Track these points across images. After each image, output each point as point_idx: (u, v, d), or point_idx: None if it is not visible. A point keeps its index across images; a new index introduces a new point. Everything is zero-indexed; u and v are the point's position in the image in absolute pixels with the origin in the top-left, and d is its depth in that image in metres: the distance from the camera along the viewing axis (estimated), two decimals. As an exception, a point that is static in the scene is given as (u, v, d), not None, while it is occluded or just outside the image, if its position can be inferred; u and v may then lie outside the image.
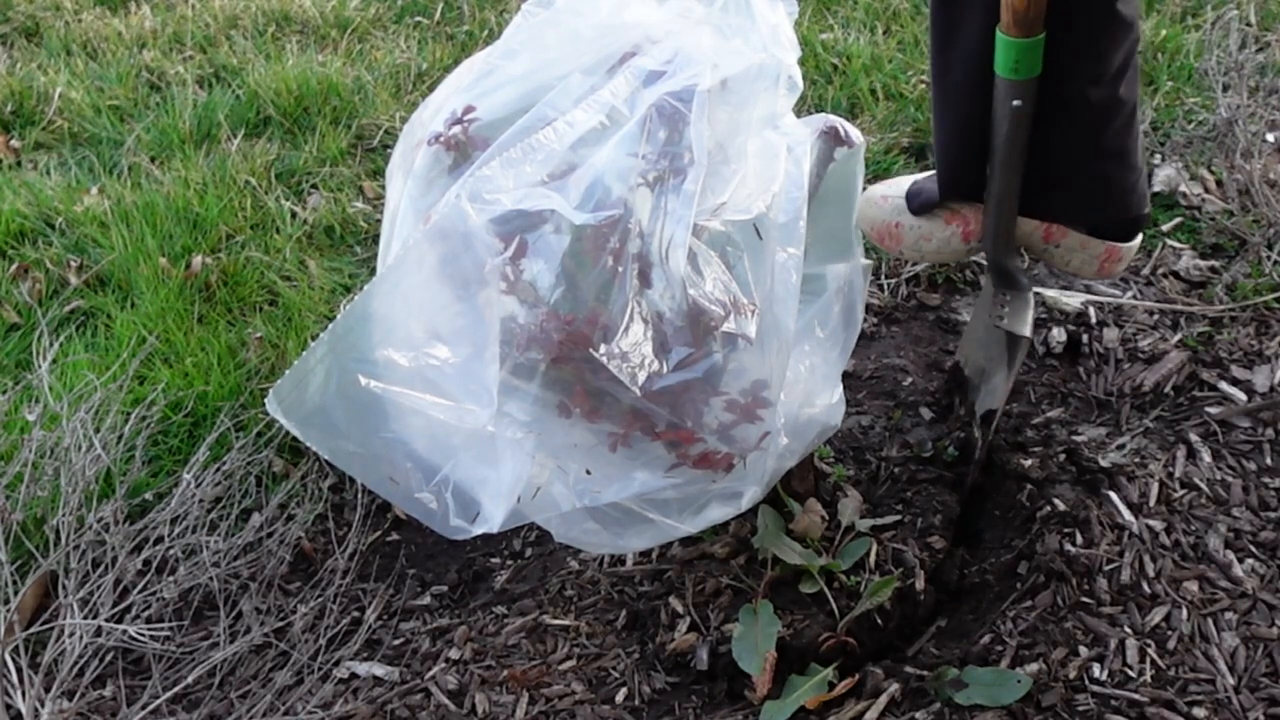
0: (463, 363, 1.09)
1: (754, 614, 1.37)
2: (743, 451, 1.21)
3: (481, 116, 1.17)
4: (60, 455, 1.49)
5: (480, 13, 3.04)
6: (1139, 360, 1.73)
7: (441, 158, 1.16)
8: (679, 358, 1.11)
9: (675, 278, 1.08)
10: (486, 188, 1.05)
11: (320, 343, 1.08)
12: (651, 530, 1.23)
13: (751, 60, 1.17)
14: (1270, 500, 1.49)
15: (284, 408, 1.09)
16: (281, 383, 1.08)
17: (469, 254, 1.05)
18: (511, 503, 1.14)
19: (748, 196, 1.15)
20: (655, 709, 1.38)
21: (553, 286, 1.07)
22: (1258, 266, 1.85)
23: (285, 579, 1.61)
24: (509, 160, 1.06)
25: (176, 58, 2.98)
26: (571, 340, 1.08)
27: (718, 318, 1.11)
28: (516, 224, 1.05)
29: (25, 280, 2.17)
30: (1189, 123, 2.22)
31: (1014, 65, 1.30)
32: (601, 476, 1.17)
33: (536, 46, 1.20)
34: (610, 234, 1.06)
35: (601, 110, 1.10)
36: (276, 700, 1.39)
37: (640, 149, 1.08)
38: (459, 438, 1.13)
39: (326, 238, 2.27)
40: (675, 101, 1.10)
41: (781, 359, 1.18)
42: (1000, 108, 1.34)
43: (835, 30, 2.76)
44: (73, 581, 1.36)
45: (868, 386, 1.77)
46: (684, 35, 1.18)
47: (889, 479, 1.59)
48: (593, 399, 1.13)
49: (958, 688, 1.28)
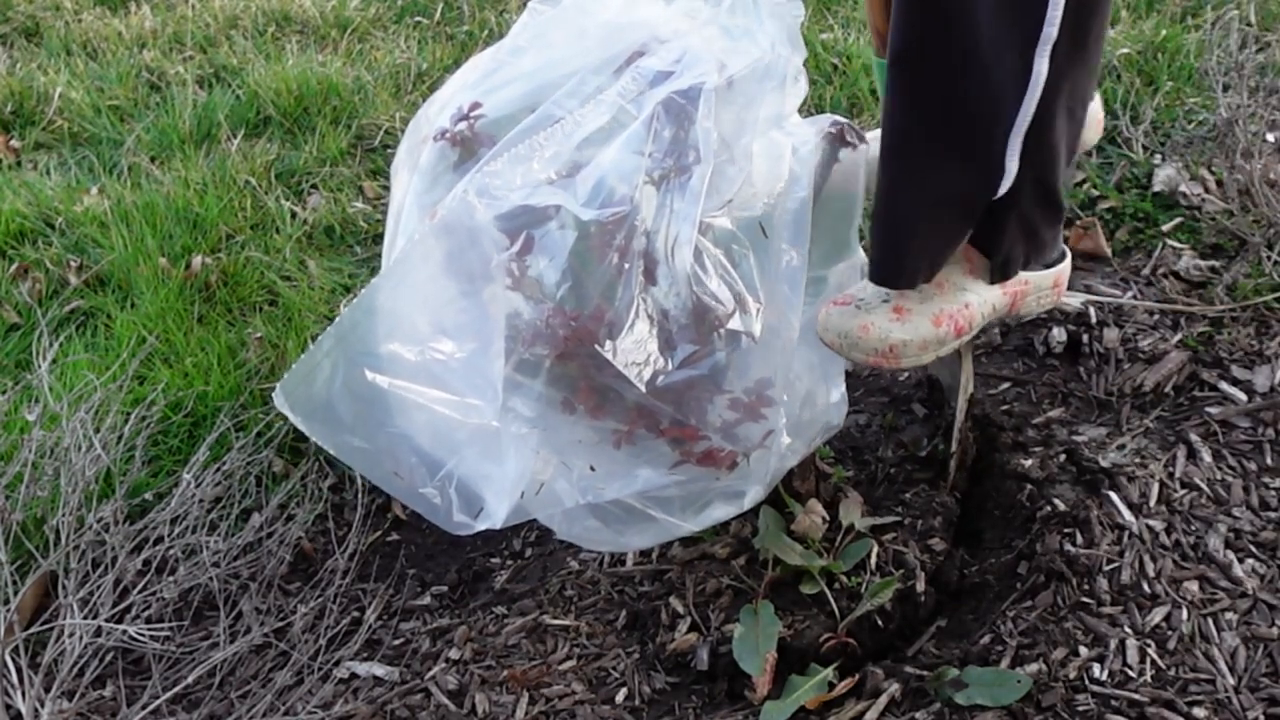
0: (468, 358, 1.10)
1: (754, 614, 1.37)
2: (746, 449, 1.21)
3: (488, 113, 1.17)
4: (60, 455, 1.49)
5: (480, 13, 3.05)
6: (1139, 360, 1.73)
7: (447, 153, 1.17)
8: (684, 355, 1.11)
9: (680, 275, 1.08)
10: (494, 184, 1.05)
11: (327, 336, 1.08)
12: (654, 528, 1.23)
13: (758, 60, 1.17)
14: (1270, 500, 1.49)
15: (290, 402, 1.10)
16: (288, 377, 1.09)
17: (475, 249, 1.05)
18: (515, 499, 1.14)
19: (753, 196, 1.15)
20: (655, 709, 1.38)
21: (558, 283, 1.07)
22: (1258, 266, 1.85)
23: (285, 579, 1.61)
24: (516, 157, 1.06)
25: (176, 58, 2.98)
26: (577, 336, 1.08)
27: (723, 315, 1.11)
28: (523, 220, 1.06)
29: (25, 280, 2.17)
30: (1189, 123, 2.22)
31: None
32: (605, 473, 1.17)
33: (543, 44, 1.20)
34: (616, 231, 1.06)
35: (609, 109, 1.11)
36: (276, 700, 1.39)
37: (646, 147, 1.08)
38: (463, 433, 1.13)
39: (326, 238, 2.27)
40: (681, 99, 1.10)
41: (785, 357, 1.18)
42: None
43: (835, 30, 2.76)
44: (73, 581, 1.36)
45: (864, 385, 1.77)
46: (691, 35, 1.18)
47: (885, 480, 1.59)
48: (597, 395, 1.13)
49: (958, 688, 1.28)
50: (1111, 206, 2.07)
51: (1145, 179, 2.12)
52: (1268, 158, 2.01)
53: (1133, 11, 2.67)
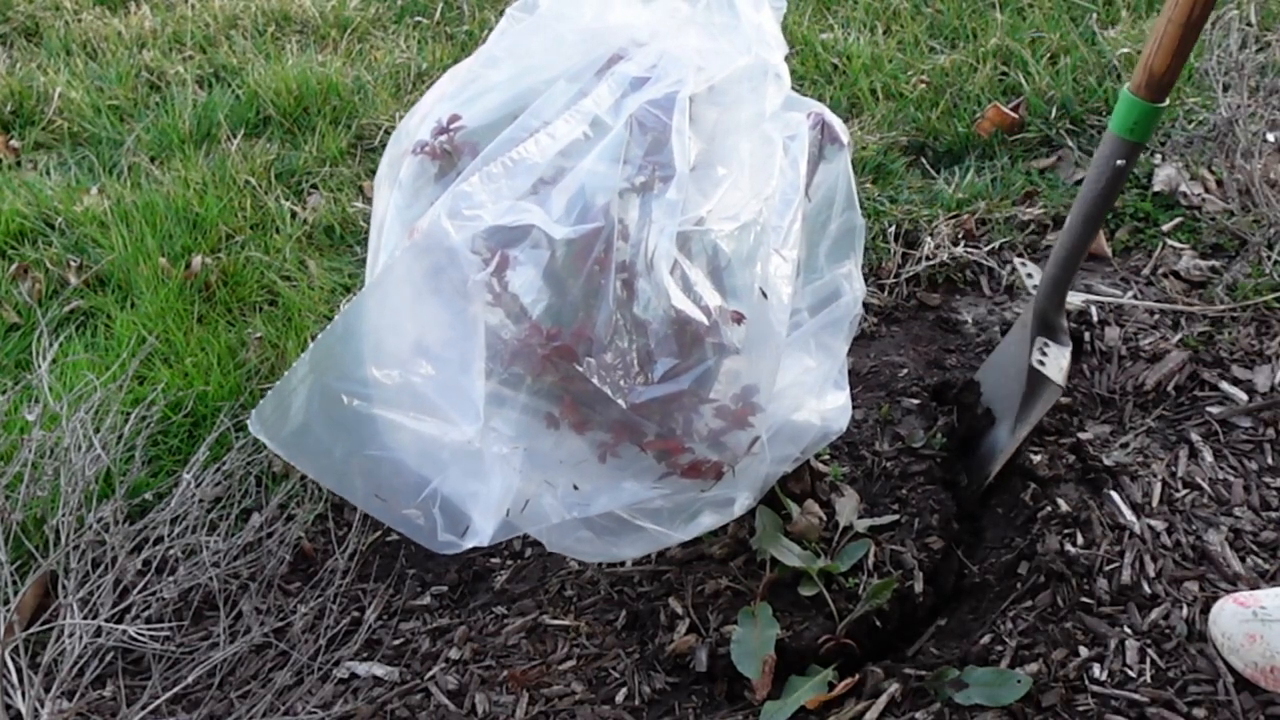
0: (449, 377, 1.08)
1: (752, 617, 1.37)
2: (733, 459, 1.20)
3: (467, 124, 1.16)
4: (60, 455, 1.49)
5: (480, 13, 3.04)
6: (1141, 359, 1.73)
7: (427, 167, 1.16)
8: (665, 369, 1.10)
9: (659, 288, 1.07)
10: (465, 205, 1.04)
11: (301, 363, 1.07)
12: (645, 538, 1.22)
13: (737, 63, 1.16)
14: (1271, 500, 1.49)
15: (266, 429, 1.09)
16: (263, 404, 1.08)
17: (454, 268, 1.04)
18: (501, 516, 1.14)
19: (739, 201, 1.13)
20: (655, 709, 1.38)
21: (536, 301, 1.06)
22: (1258, 266, 1.85)
23: (285, 579, 1.61)
24: (489, 175, 1.05)
25: (176, 58, 2.98)
26: (557, 354, 1.07)
27: (703, 328, 1.10)
28: (497, 240, 1.05)
29: (25, 280, 2.17)
30: (1189, 123, 2.22)
31: (1131, 126, 1.32)
32: (589, 490, 1.16)
33: (520, 53, 1.19)
34: (593, 247, 1.05)
35: (584, 120, 1.09)
36: (276, 700, 1.39)
37: (622, 160, 1.07)
38: (447, 452, 1.12)
39: (326, 238, 2.27)
40: (656, 111, 1.09)
41: (772, 364, 1.17)
42: (1104, 163, 1.35)
43: (835, 30, 2.76)
44: (73, 581, 1.36)
45: (864, 381, 1.77)
46: (669, 37, 1.17)
47: (882, 475, 1.58)
48: (582, 409, 1.12)
49: (958, 688, 1.28)
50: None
51: (1145, 179, 2.11)
52: (1268, 158, 2.01)
53: (1133, 11, 2.67)
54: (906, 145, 2.35)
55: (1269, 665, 1.25)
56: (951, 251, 2.00)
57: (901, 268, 2.00)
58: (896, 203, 2.15)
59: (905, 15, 2.78)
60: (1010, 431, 1.56)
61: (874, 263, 2.02)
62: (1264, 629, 1.25)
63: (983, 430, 1.63)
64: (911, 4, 2.82)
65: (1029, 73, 2.43)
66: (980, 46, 2.57)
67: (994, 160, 2.27)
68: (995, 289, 1.96)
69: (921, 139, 2.36)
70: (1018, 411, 1.54)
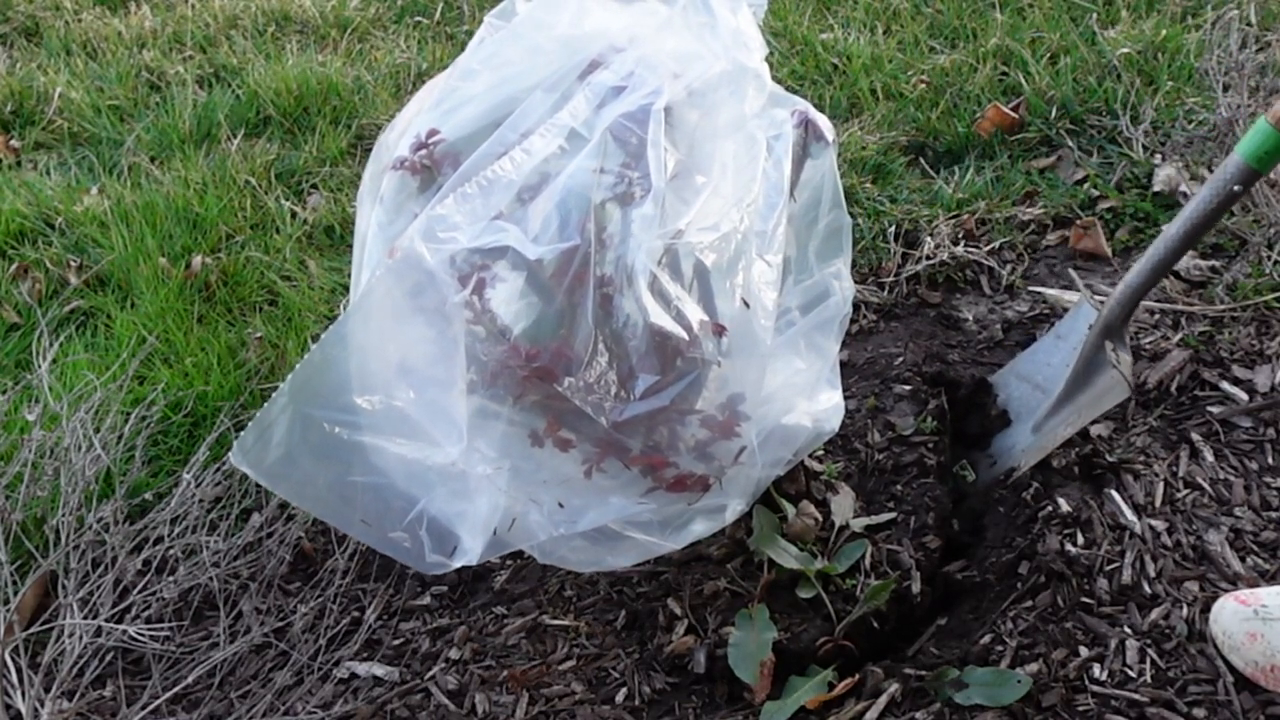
0: (432, 398, 1.08)
1: (750, 620, 1.37)
2: (720, 470, 1.19)
3: (447, 136, 1.15)
4: (60, 455, 1.49)
5: (480, 13, 3.04)
6: (1142, 358, 1.73)
7: (408, 182, 1.15)
8: (645, 385, 1.09)
9: (637, 305, 1.06)
10: (440, 227, 1.03)
11: (280, 393, 1.06)
12: (637, 547, 1.21)
13: (714, 69, 1.14)
14: (1272, 499, 1.49)
15: (249, 460, 1.08)
16: (245, 435, 1.07)
17: (432, 289, 1.03)
18: (489, 534, 1.13)
19: (719, 209, 1.11)
20: (655, 709, 1.38)
21: (514, 321, 1.05)
22: (1258, 266, 1.85)
23: (285, 579, 1.61)
24: (463, 196, 1.04)
25: (176, 58, 2.98)
26: (536, 375, 1.06)
27: (684, 343, 1.09)
28: (474, 261, 1.04)
29: (25, 280, 2.17)
30: (1189, 123, 2.22)
31: (1262, 156, 1.33)
32: (576, 506, 1.15)
33: (498, 62, 1.18)
34: (569, 265, 1.04)
35: (560, 134, 1.08)
36: (276, 700, 1.39)
37: (597, 175, 1.06)
38: (434, 473, 1.12)
39: (326, 238, 2.27)
40: (630, 124, 1.08)
41: (757, 372, 1.16)
42: (1221, 185, 1.35)
43: (835, 30, 2.76)
44: (73, 581, 1.36)
45: (859, 371, 1.77)
46: (646, 42, 1.15)
47: (876, 470, 1.58)
48: (566, 426, 1.11)
49: (958, 688, 1.28)
50: (1112, 206, 2.07)
51: (1145, 179, 2.11)
52: (1268, 157, 2.01)
53: (1133, 11, 2.67)
54: (906, 145, 2.34)
55: (1269, 664, 1.25)
56: (951, 251, 2.00)
57: (901, 267, 2.00)
58: (896, 202, 2.15)
59: (905, 15, 2.78)
60: (1032, 430, 1.58)
61: (874, 262, 2.02)
62: (1265, 628, 1.26)
63: (994, 430, 1.64)
64: (911, 4, 2.82)
65: (1029, 73, 2.43)
66: (980, 46, 2.57)
67: (994, 160, 2.27)
68: (995, 288, 1.96)
69: (921, 139, 2.36)
70: (1081, 410, 1.54)
